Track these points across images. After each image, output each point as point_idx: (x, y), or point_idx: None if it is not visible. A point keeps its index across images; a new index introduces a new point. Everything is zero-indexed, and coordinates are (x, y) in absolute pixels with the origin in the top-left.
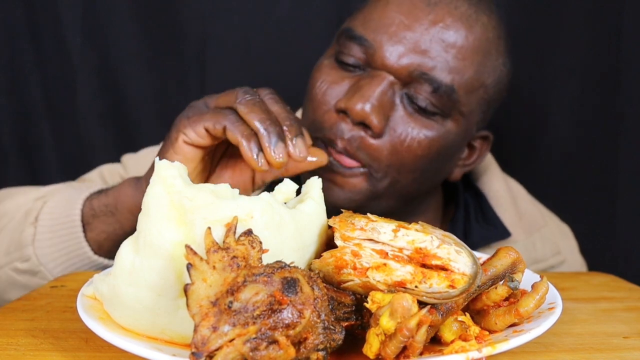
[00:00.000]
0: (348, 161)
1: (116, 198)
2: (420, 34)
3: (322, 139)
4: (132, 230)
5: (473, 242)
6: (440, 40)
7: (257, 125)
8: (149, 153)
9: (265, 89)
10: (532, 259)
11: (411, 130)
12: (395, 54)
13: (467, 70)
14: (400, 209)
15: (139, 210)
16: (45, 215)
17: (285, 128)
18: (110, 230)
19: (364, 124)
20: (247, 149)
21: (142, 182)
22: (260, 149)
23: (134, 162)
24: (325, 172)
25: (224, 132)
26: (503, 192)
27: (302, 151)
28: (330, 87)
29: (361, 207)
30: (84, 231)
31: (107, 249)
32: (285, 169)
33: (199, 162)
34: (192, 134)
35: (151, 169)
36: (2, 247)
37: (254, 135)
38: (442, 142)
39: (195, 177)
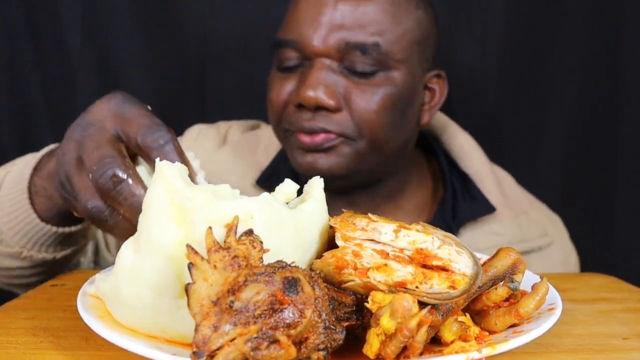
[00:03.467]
0: (322, 136)
1: (49, 182)
2: (331, 13)
3: (291, 131)
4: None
5: (461, 218)
6: (349, 11)
7: None
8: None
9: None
10: (518, 238)
11: (363, 95)
12: (318, 39)
13: (382, 25)
14: (392, 167)
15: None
16: (6, 184)
17: None
18: (53, 210)
19: (320, 107)
20: None
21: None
22: None
23: None
24: (307, 153)
25: None
26: (487, 174)
27: None
28: (281, 90)
29: (353, 172)
30: (31, 202)
31: (58, 223)
32: None
33: None
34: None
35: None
36: None
37: None
38: (393, 91)
39: None
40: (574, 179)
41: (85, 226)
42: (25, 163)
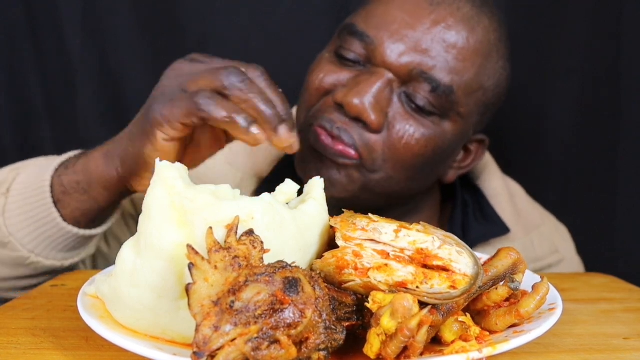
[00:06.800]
0: (341, 147)
1: (87, 174)
2: (422, 33)
3: (318, 125)
4: (107, 205)
5: (472, 239)
6: (441, 40)
7: (261, 108)
8: None
9: (255, 69)
10: (530, 257)
11: (409, 128)
12: (395, 51)
13: (467, 72)
14: (393, 208)
15: (113, 184)
16: (17, 185)
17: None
18: (85, 207)
19: (360, 120)
20: (242, 124)
21: (111, 154)
22: (252, 122)
23: None
24: (321, 159)
25: (202, 120)
26: (501, 190)
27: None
28: (328, 77)
29: (353, 198)
30: (55, 203)
31: (85, 224)
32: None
33: (178, 149)
34: (171, 131)
35: (120, 137)
36: None
37: (242, 111)
38: (438, 142)
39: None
40: (574, 178)
41: (105, 229)
42: (39, 166)
